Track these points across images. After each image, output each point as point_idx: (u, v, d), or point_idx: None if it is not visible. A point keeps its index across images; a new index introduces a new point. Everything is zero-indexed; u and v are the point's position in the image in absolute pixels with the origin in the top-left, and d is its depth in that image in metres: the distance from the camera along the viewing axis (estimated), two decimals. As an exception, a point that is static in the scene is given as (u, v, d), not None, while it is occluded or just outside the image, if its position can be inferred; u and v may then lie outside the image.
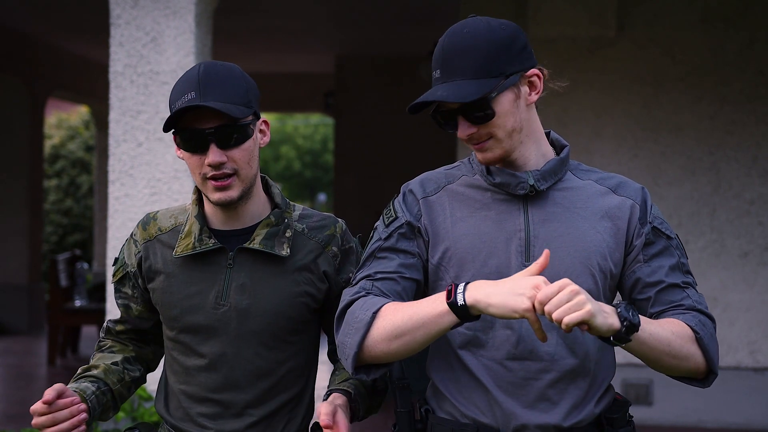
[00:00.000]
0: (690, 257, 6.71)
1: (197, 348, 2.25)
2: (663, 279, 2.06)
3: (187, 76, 2.18)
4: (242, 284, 2.23)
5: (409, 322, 1.93)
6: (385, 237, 2.10)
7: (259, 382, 2.24)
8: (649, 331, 1.93)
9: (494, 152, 2.04)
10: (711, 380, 2.08)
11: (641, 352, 1.95)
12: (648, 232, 2.08)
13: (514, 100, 2.03)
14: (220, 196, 2.18)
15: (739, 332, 6.77)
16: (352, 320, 2.01)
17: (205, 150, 2.16)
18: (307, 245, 2.27)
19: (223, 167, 2.16)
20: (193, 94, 2.14)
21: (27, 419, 6.77)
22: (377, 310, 1.98)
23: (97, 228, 13.33)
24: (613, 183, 2.12)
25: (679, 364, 2.01)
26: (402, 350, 1.96)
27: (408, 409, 2.10)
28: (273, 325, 2.23)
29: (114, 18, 5.35)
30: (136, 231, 2.34)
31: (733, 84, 6.79)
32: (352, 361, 1.99)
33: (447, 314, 1.90)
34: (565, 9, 6.77)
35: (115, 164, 5.34)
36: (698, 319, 2.04)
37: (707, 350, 2.02)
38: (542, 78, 2.07)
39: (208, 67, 2.18)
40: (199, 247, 2.23)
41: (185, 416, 2.27)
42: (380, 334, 1.96)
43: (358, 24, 10.05)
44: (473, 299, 1.87)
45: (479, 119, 2.01)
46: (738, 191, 6.79)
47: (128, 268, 2.33)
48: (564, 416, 2.03)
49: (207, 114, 2.14)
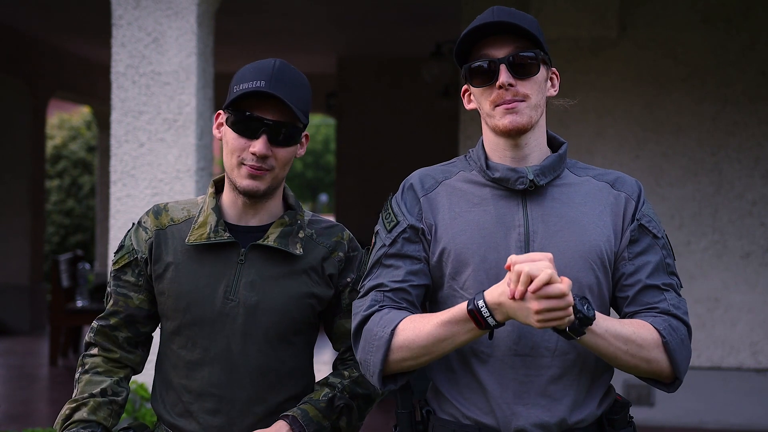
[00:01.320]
0: (692, 258, 6.71)
1: (201, 342, 2.25)
2: (642, 279, 2.06)
3: (259, 65, 2.23)
4: (252, 281, 2.24)
5: (431, 339, 1.97)
6: (389, 243, 2.10)
7: (261, 379, 2.25)
8: (605, 327, 1.94)
9: (523, 117, 2.04)
10: (676, 386, 2.07)
11: (597, 348, 1.96)
12: (634, 229, 2.08)
13: (546, 79, 2.09)
14: (249, 183, 2.21)
15: (741, 333, 6.76)
16: (370, 338, 2.03)
17: (253, 137, 2.19)
18: (315, 249, 2.30)
19: (265, 161, 2.20)
20: (263, 83, 2.18)
21: (29, 419, 6.77)
22: (395, 327, 2.00)
23: (99, 228, 13.33)
24: (610, 178, 2.13)
25: (638, 365, 2.01)
26: (424, 363, 2.03)
27: (409, 410, 2.10)
28: (279, 323, 2.25)
29: (116, 18, 5.36)
30: (146, 218, 2.33)
31: (735, 85, 6.78)
32: (378, 379, 2.03)
33: (478, 331, 1.94)
34: (566, 10, 6.77)
35: (117, 165, 5.35)
36: (669, 323, 2.03)
37: (673, 356, 2.01)
38: (558, 80, 2.15)
39: (283, 65, 2.24)
40: (213, 238, 2.24)
41: (184, 411, 2.27)
42: (404, 354, 2.00)
43: (359, 25, 10.05)
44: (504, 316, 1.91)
45: (524, 71, 2.03)
46: (740, 192, 6.78)
47: (137, 254, 2.31)
48: (566, 414, 2.02)
49: (270, 105, 2.19)
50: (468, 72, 2.07)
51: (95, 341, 2.37)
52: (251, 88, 2.17)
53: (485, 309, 1.90)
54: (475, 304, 1.91)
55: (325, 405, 2.25)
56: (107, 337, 2.36)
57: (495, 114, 2.05)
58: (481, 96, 2.07)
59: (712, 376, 6.73)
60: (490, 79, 2.03)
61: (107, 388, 2.31)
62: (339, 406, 2.26)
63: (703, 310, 6.73)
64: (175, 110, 5.28)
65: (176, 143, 5.29)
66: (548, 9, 6.75)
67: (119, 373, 2.36)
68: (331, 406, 2.25)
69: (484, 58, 2.04)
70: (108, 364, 2.36)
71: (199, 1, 5.31)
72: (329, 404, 2.25)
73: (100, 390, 2.30)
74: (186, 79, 5.26)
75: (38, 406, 7.69)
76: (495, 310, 1.89)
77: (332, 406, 2.26)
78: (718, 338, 6.76)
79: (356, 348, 2.07)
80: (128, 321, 2.36)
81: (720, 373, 6.75)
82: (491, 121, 2.07)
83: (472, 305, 1.91)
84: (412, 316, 2.03)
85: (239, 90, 2.19)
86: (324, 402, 2.26)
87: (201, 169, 5.34)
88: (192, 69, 5.27)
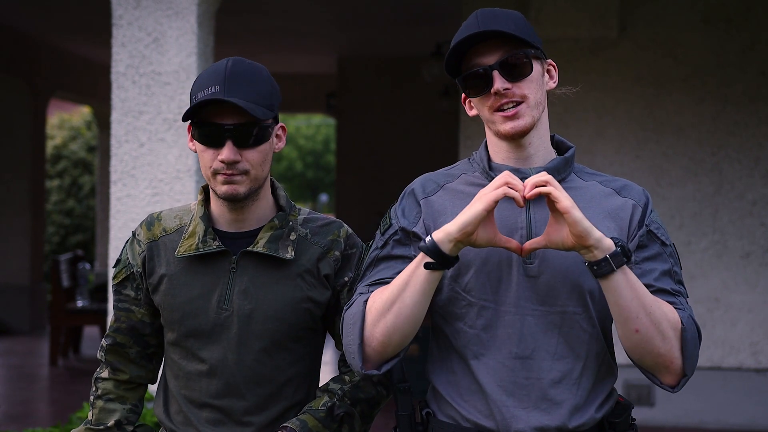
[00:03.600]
0: (692, 258, 6.71)
1: (198, 353, 2.23)
2: (652, 283, 2.03)
3: (213, 69, 2.16)
4: (245, 289, 2.21)
5: (394, 290, 1.98)
6: (381, 245, 2.11)
7: (259, 388, 2.22)
8: (635, 279, 1.94)
9: (524, 119, 2.03)
10: (682, 384, 2.02)
11: (621, 297, 1.92)
12: (642, 235, 2.06)
13: (542, 74, 2.08)
14: (227, 189, 2.15)
15: (741, 333, 6.76)
16: (347, 319, 2.04)
17: (220, 145, 2.13)
18: (309, 250, 2.26)
19: (236, 166, 2.14)
20: (218, 88, 2.11)
21: (29, 419, 6.77)
22: (366, 299, 2.03)
23: (99, 228, 13.33)
24: (617, 185, 2.12)
25: (653, 337, 1.95)
26: (399, 324, 1.99)
27: (409, 412, 2.10)
28: (275, 330, 2.21)
29: (116, 18, 5.36)
30: (140, 231, 2.31)
31: (735, 85, 6.78)
32: (359, 357, 2.01)
33: (423, 259, 1.94)
34: (567, 10, 6.77)
35: (117, 165, 5.35)
36: (688, 317, 2.00)
37: (686, 346, 1.97)
38: (557, 71, 2.13)
39: (236, 64, 2.15)
40: (202, 249, 2.20)
41: (186, 421, 2.26)
42: (373, 316, 2.00)
43: (360, 25, 10.05)
44: (441, 233, 1.93)
45: (517, 73, 2.02)
46: (740, 192, 6.78)
47: (133, 268, 2.29)
48: (566, 418, 2.02)
49: (228, 110, 2.12)
50: (462, 83, 2.07)
51: (106, 360, 2.36)
52: (205, 97, 2.10)
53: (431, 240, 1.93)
54: (425, 240, 1.96)
55: (324, 415, 2.20)
56: (118, 354, 2.35)
57: (495, 120, 2.05)
58: (480, 103, 2.07)
59: (712, 376, 6.73)
60: (486, 86, 2.03)
61: (121, 419, 2.33)
62: (339, 415, 2.21)
63: (703, 310, 6.72)
64: (176, 110, 5.28)
65: (176, 143, 5.29)
66: (548, 9, 6.75)
67: (131, 399, 2.36)
68: (330, 415, 2.21)
69: (476, 67, 2.03)
70: (119, 389, 2.35)
71: (200, 1, 5.31)
72: (329, 413, 2.21)
73: (115, 422, 2.32)
74: (186, 79, 5.26)
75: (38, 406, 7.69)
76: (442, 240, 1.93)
77: (332, 415, 2.21)
78: (718, 338, 6.76)
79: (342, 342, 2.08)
80: (134, 335, 2.34)
81: (720, 373, 6.75)
82: (493, 126, 2.07)
83: (422, 242, 1.96)
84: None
85: (195, 100, 2.13)
86: (323, 412, 2.21)
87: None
88: (192, 69, 5.27)
